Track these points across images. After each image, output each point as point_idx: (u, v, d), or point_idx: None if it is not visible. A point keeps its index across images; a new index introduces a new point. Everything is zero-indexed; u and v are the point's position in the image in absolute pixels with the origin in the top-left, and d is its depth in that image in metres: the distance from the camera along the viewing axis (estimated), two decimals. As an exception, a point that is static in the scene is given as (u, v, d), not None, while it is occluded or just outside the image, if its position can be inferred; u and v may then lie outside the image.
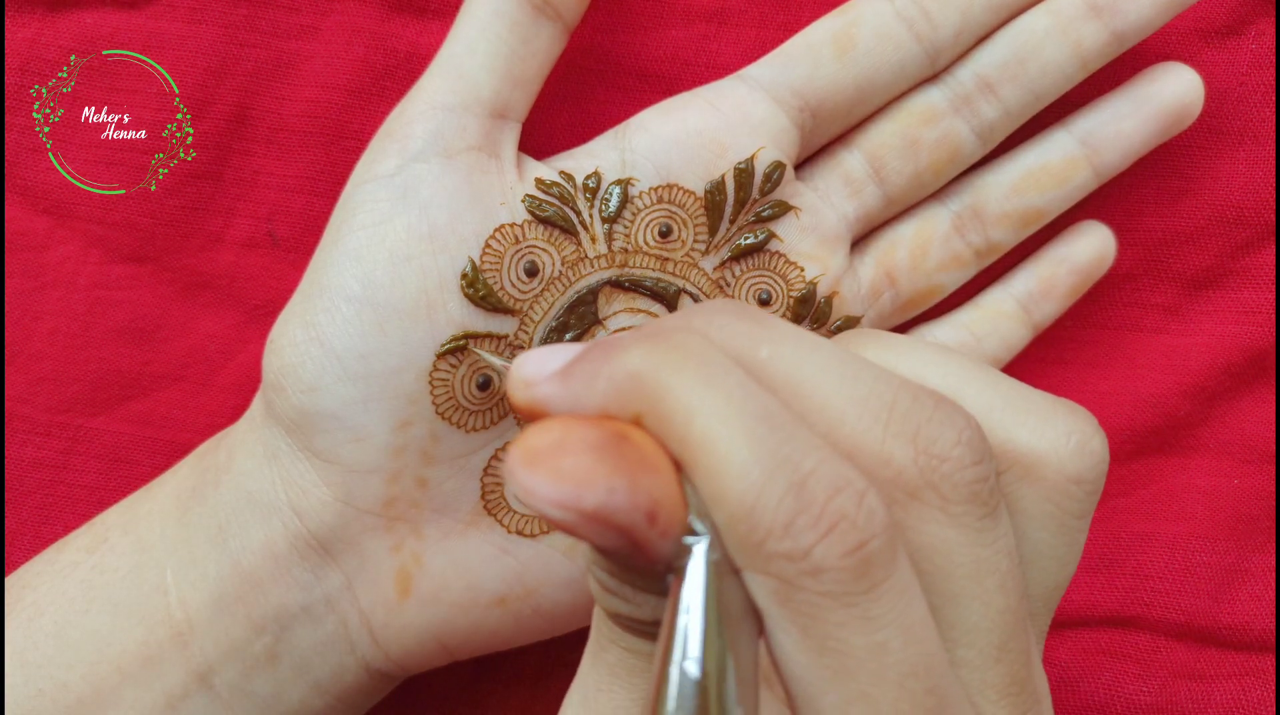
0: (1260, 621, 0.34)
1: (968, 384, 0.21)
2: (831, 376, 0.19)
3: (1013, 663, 0.20)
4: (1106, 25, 0.29)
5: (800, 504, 0.17)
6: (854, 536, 0.17)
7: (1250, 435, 0.34)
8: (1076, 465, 0.21)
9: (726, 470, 0.17)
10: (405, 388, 0.27)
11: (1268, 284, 0.34)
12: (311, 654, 0.28)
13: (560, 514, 0.17)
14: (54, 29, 0.32)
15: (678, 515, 0.18)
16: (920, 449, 0.19)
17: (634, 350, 0.19)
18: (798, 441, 0.18)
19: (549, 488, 0.17)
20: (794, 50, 0.29)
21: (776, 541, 0.17)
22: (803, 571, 0.17)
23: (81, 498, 0.33)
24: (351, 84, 0.33)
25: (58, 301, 0.33)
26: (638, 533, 0.17)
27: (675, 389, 0.18)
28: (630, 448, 0.18)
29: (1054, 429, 0.21)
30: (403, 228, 0.27)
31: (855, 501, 0.18)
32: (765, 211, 0.29)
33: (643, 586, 0.19)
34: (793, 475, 0.17)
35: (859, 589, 0.18)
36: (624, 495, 0.17)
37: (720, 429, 0.18)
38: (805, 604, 0.18)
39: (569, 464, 0.17)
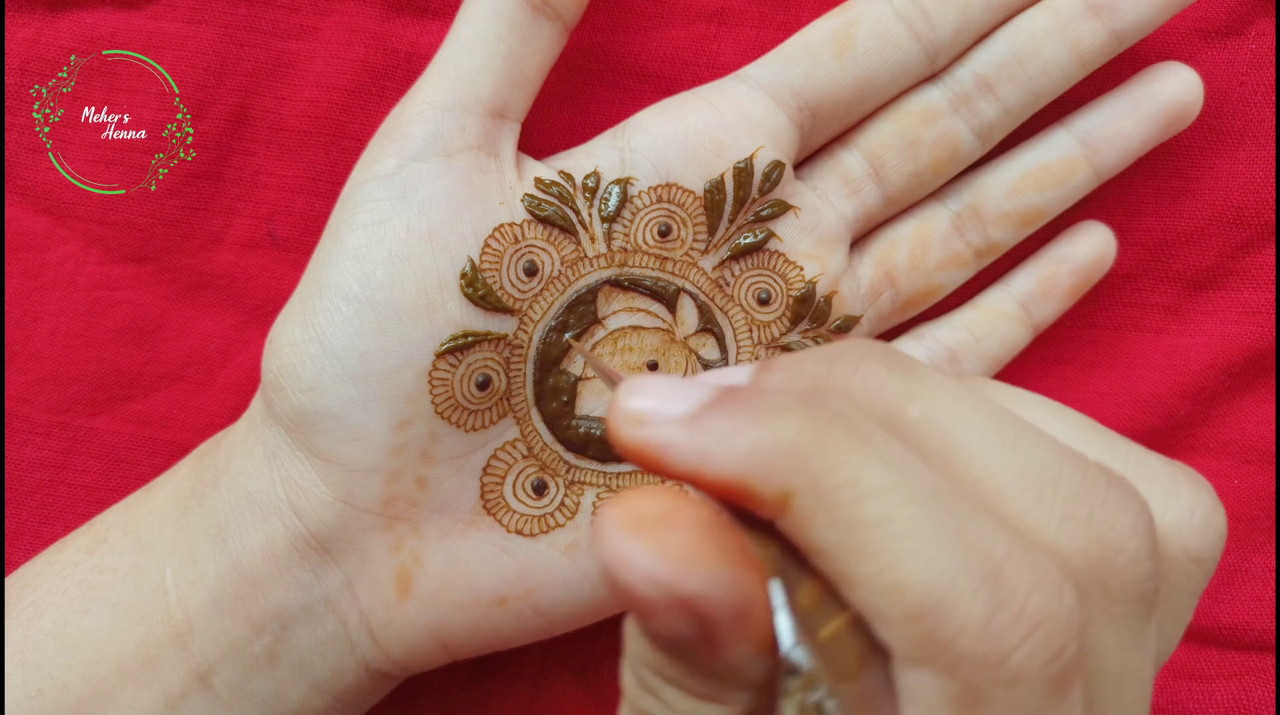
0: (1260, 621, 0.34)
1: (1088, 446, 0.19)
2: (991, 442, 0.17)
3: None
4: (1105, 24, 0.29)
5: (999, 599, 0.15)
6: (1057, 641, 0.15)
7: (1250, 435, 0.34)
8: (1200, 544, 0.19)
9: (910, 555, 0.15)
10: (405, 387, 0.27)
11: (1268, 284, 0.34)
12: (311, 654, 0.28)
13: (651, 591, 0.15)
14: (54, 29, 0.32)
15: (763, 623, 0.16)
16: (1093, 538, 0.17)
17: (791, 416, 0.17)
18: (982, 525, 0.16)
19: (649, 561, 0.15)
20: (793, 50, 0.29)
21: (972, 642, 0.15)
22: (997, 680, 0.15)
23: (81, 498, 0.33)
24: (351, 84, 0.33)
25: (58, 301, 0.33)
26: (720, 631, 0.16)
27: (838, 467, 0.16)
28: (734, 538, 0.16)
29: (1178, 502, 0.19)
30: (402, 227, 0.27)
31: (1056, 597, 0.16)
32: (764, 211, 0.29)
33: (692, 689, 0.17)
34: (986, 563, 0.15)
35: (1051, 704, 0.16)
36: (725, 587, 0.16)
37: (899, 511, 0.16)
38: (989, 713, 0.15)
39: (676, 540, 0.16)
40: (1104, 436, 0.19)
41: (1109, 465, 0.18)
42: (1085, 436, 0.19)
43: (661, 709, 0.18)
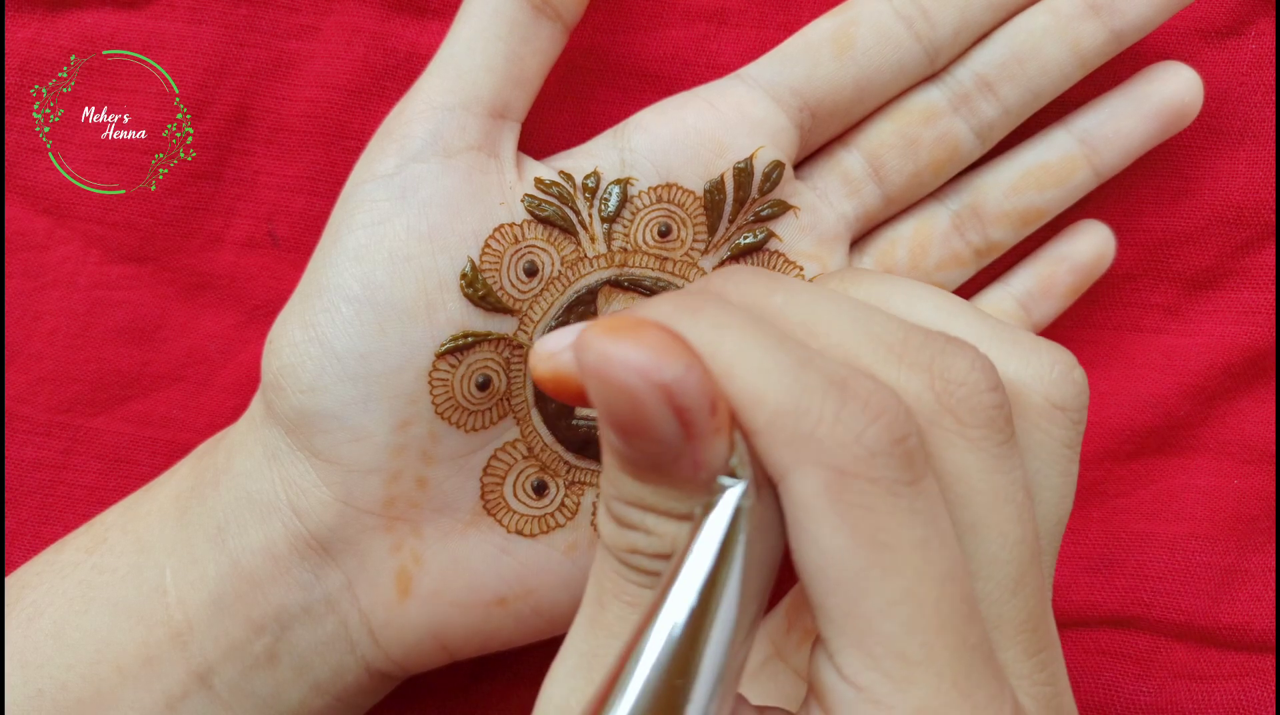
0: (1260, 621, 0.34)
1: (956, 318, 0.22)
2: (844, 318, 0.20)
3: (1029, 598, 0.20)
4: (1105, 24, 0.29)
5: (845, 396, 0.18)
6: (899, 427, 0.18)
7: (1250, 435, 0.34)
8: (1061, 392, 0.22)
9: (766, 370, 0.18)
10: (405, 387, 0.27)
11: (1268, 284, 0.34)
12: (311, 654, 0.28)
13: (637, 381, 0.17)
14: (54, 29, 0.32)
15: (729, 414, 0.18)
16: (936, 375, 0.20)
17: (653, 306, 0.20)
18: (828, 359, 0.19)
19: (632, 352, 0.17)
20: (793, 49, 0.29)
21: (828, 428, 0.18)
22: (856, 457, 0.18)
23: (81, 498, 0.33)
24: (351, 84, 0.33)
25: (58, 301, 0.33)
26: (698, 420, 0.18)
27: (700, 322, 0.19)
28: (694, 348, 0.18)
29: (1037, 359, 0.22)
30: (402, 227, 0.27)
31: (894, 398, 0.18)
32: (764, 211, 0.29)
33: (669, 510, 0.19)
34: (832, 377, 0.18)
35: (906, 477, 0.18)
36: (697, 376, 0.17)
37: (751, 343, 0.18)
38: (857, 493, 0.18)
39: (651, 336, 0.17)
40: (973, 312, 0.22)
41: (978, 335, 0.22)
42: (954, 312, 0.22)
43: (646, 539, 0.20)
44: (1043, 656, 0.20)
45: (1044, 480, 0.22)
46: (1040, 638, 0.20)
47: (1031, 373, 0.22)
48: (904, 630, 0.18)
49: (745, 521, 0.18)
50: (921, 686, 0.18)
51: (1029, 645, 0.20)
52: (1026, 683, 0.20)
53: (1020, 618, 0.20)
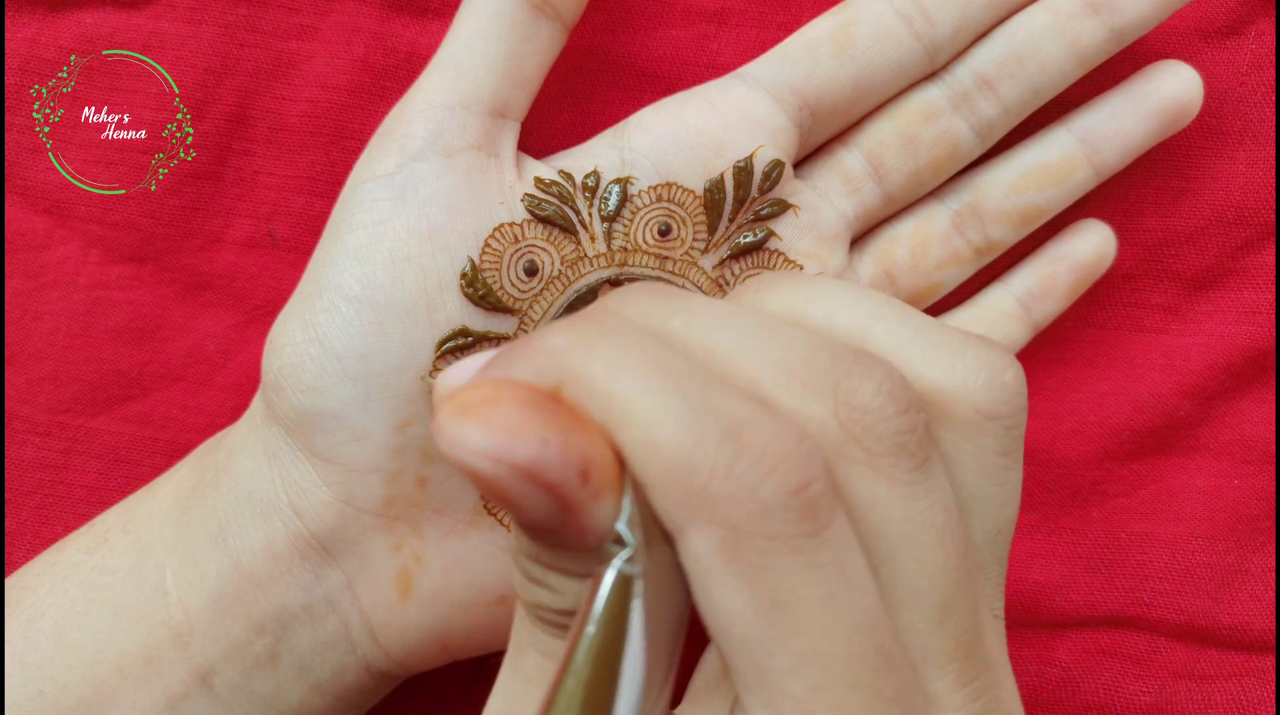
0: (1260, 621, 0.34)
1: (877, 322, 0.21)
2: (746, 340, 0.19)
3: (958, 625, 0.19)
4: (1105, 22, 0.29)
5: (739, 446, 0.17)
6: (797, 476, 0.17)
7: (1250, 435, 0.34)
8: (988, 399, 0.20)
9: (658, 422, 0.17)
10: (405, 387, 0.27)
11: (1268, 284, 0.34)
12: (312, 654, 0.27)
13: (490, 467, 0.16)
14: (54, 29, 0.32)
15: (609, 477, 0.17)
16: (840, 401, 0.19)
17: (550, 334, 0.19)
18: (725, 393, 0.18)
19: (480, 438, 0.16)
20: (792, 49, 0.29)
21: (720, 484, 0.17)
22: (750, 514, 0.17)
23: (81, 498, 0.33)
24: (351, 84, 0.33)
25: (58, 301, 0.33)
26: (569, 493, 0.17)
27: (595, 357, 0.18)
28: (560, 406, 0.17)
29: (962, 364, 0.20)
30: (402, 227, 0.27)
31: (795, 442, 0.17)
32: (764, 210, 0.29)
33: (568, 569, 0.18)
34: (727, 421, 0.17)
35: (805, 531, 0.17)
36: (556, 448, 0.16)
37: (645, 386, 0.17)
38: (754, 552, 0.17)
39: (501, 414, 0.16)
40: (898, 312, 0.21)
41: (899, 338, 0.21)
42: (874, 314, 0.21)
43: (550, 596, 0.19)
44: (977, 685, 0.20)
45: (978, 492, 0.21)
46: (974, 665, 0.20)
47: (956, 380, 0.20)
48: (811, 691, 0.17)
49: (637, 586, 0.17)
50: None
51: (960, 674, 0.19)
52: (962, 713, 0.19)
53: (949, 647, 0.19)
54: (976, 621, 0.20)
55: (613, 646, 0.17)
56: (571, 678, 0.17)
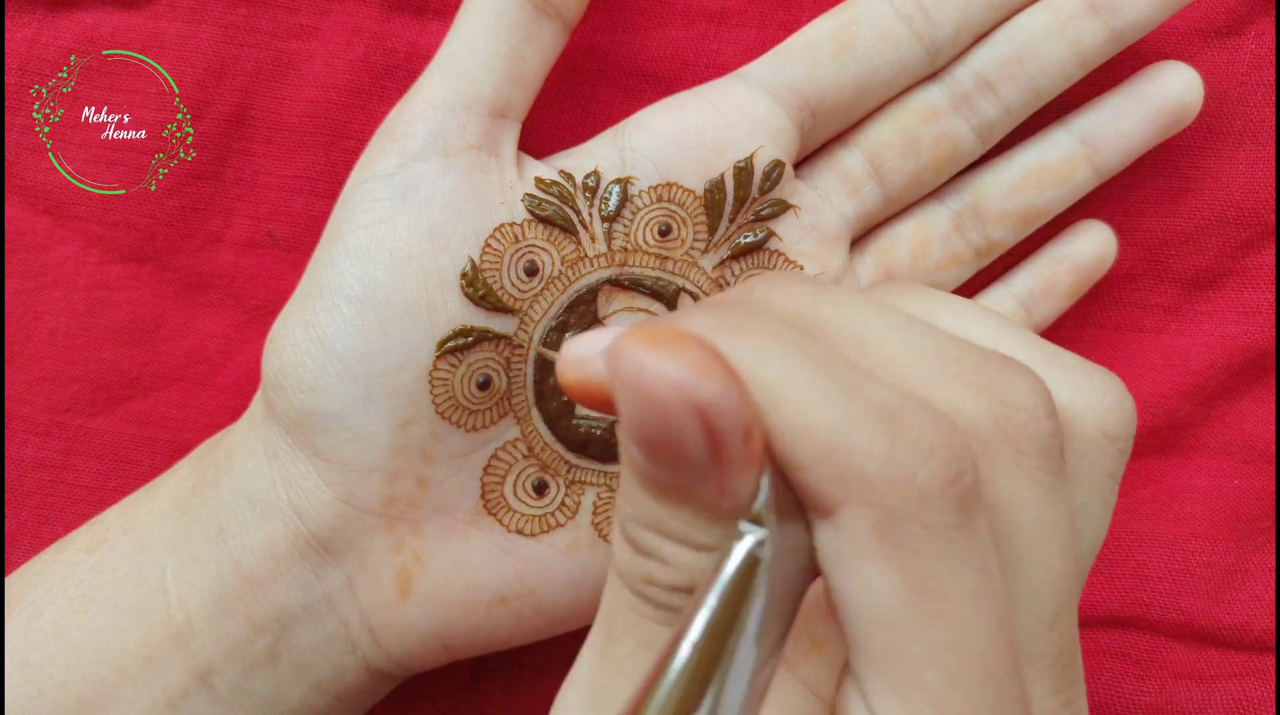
0: (1260, 621, 0.34)
1: (1007, 338, 0.21)
2: (898, 333, 0.19)
3: (1064, 634, 0.19)
4: (1105, 23, 0.29)
5: (897, 431, 0.17)
6: (954, 465, 0.17)
7: (1250, 435, 0.34)
8: (1113, 422, 0.21)
9: (812, 404, 0.17)
10: (405, 387, 0.27)
11: (1268, 284, 0.34)
12: (312, 654, 0.27)
13: (673, 396, 0.16)
14: (54, 29, 0.32)
15: (765, 446, 0.17)
16: (994, 398, 0.19)
17: (693, 316, 0.19)
18: (879, 385, 0.18)
19: (671, 367, 0.16)
20: (793, 49, 0.29)
21: (879, 466, 0.17)
22: (908, 499, 0.17)
23: (81, 498, 0.33)
24: (351, 84, 0.33)
25: (58, 301, 0.33)
26: (730, 446, 0.17)
27: (742, 341, 0.18)
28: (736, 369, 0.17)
29: (1091, 386, 0.21)
30: (403, 227, 0.27)
31: (949, 432, 0.17)
32: (765, 210, 0.29)
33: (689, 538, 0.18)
34: (883, 407, 0.17)
35: (959, 521, 0.17)
36: (735, 399, 0.16)
37: (796, 368, 0.17)
38: (908, 537, 0.17)
39: (693, 353, 0.16)
40: (1024, 333, 0.21)
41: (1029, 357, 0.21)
42: (1005, 332, 0.21)
43: (661, 570, 0.19)
44: (1070, 693, 0.20)
45: (1086, 511, 0.21)
46: (1070, 674, 0.20)
47: (1084, 400, 0.21)
48: (947, 682, 0.17)
49: (764, 572, 0.17)
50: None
51: (1058, 681, 0.19)
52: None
53: (1053, 653, 0.19)
54: (1075, 636, 0.20)
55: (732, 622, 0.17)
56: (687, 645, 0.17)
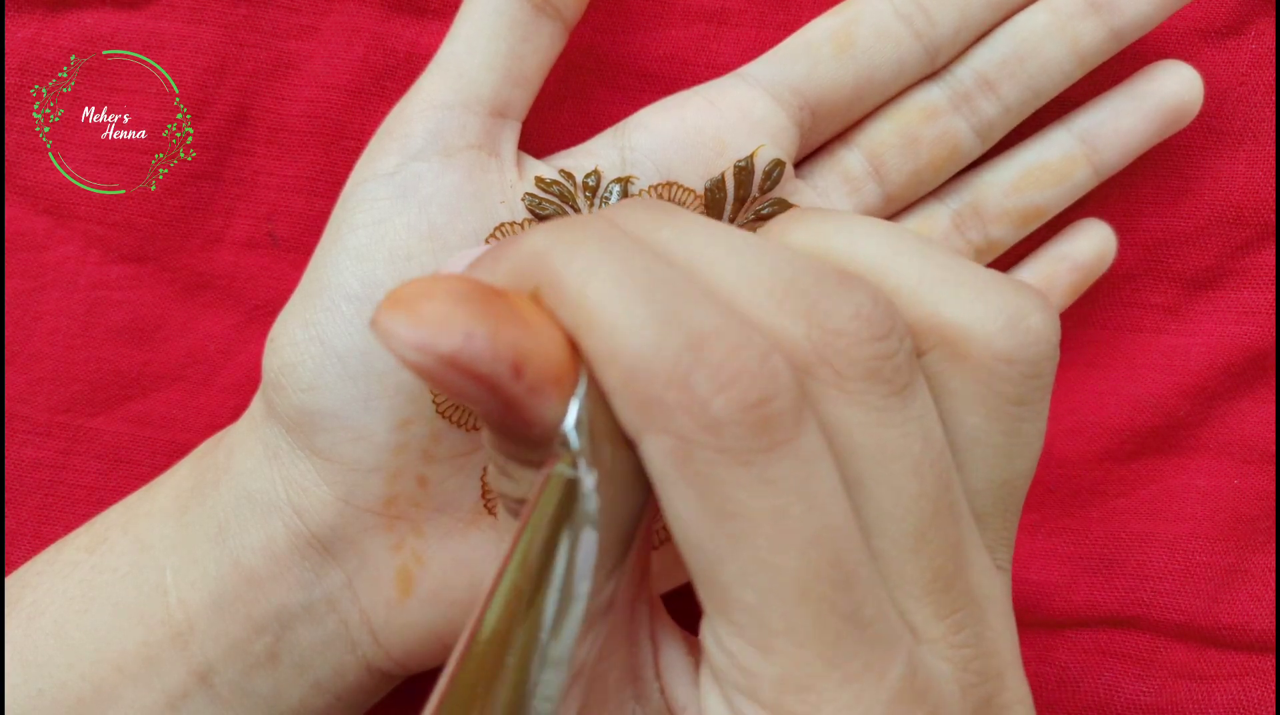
0: (1260, 621, 0.34)
1: (900, 255, 0.21)
2: (733, 257, 0.19)
3: (935, 556, 0.19)
4: (1105, 22, 0.29)
5: (698, 358, 0.17)
6: (754, 392, 0.17)
7: (1250, 435, 0.34)
8: (1006, 342, 0.20)
9: (621, 328, 0.17)
10: (406, 386, 0.27)
11: (1268, 284, 0.34)
12: (312, 653, 0.27)
13: (417, 357, 0.17)
14: (54, 29, 0.32)
15: (550, 373, 0.18)
16: (814, 323, 0.19)
17: (536, 233, 0.19)
18: (696, 305, 0.18)
19: (406, 330, 0.17)
20: (793, 48, 0.29)
21: (675, 394, 0.17)
22: (700, 426, 0.17)
23: (81, 498, 0.33)
24: (351, 84, 0.33)
25: (58, 301, 0.33)
26: (502, 385, 0.17)
27: (574, 260, 0.18)
28: (500, 302, 0.18)
29: (984, 304, 0.20)
30: (403, 226, 0.27)
31: (757, 358, 0.17)
32: (765, 209, 0.29)
33: (526, 460, 0.19)
34: (690, 333, 0.17)
35: (758, 446, 0.17)
36: (483, 342, 0.17)
37: (615, 291, 0.18)
38: (703, 463, 0.17)
39: (428, 308, 0.17)
40: (924, 247, 0.21)
41: (921, 273, 0.20)
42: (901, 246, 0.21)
43: (512, 486, 0.20)
44: (958, 617, 0.20)
45: (981, 436, 0.20)
46: (955, 598, 0.19)
47: (973, 318, 0.20)
48: (761, 600, 0.18)
49: (585, 491, 0.18)
50: (783, 655, 0.18)
51: (940, 606, 0.19)
52: (940, 645, 0.19)
53: (925, 578, 0.19)
54: (960, 558, 0.20)
55: (550, 539, 0.17)
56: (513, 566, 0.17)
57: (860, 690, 0.18)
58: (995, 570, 0.21)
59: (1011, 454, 0.21)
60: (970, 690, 0.20)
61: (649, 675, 0.21)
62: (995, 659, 0.20)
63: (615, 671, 0.20)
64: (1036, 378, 0.20)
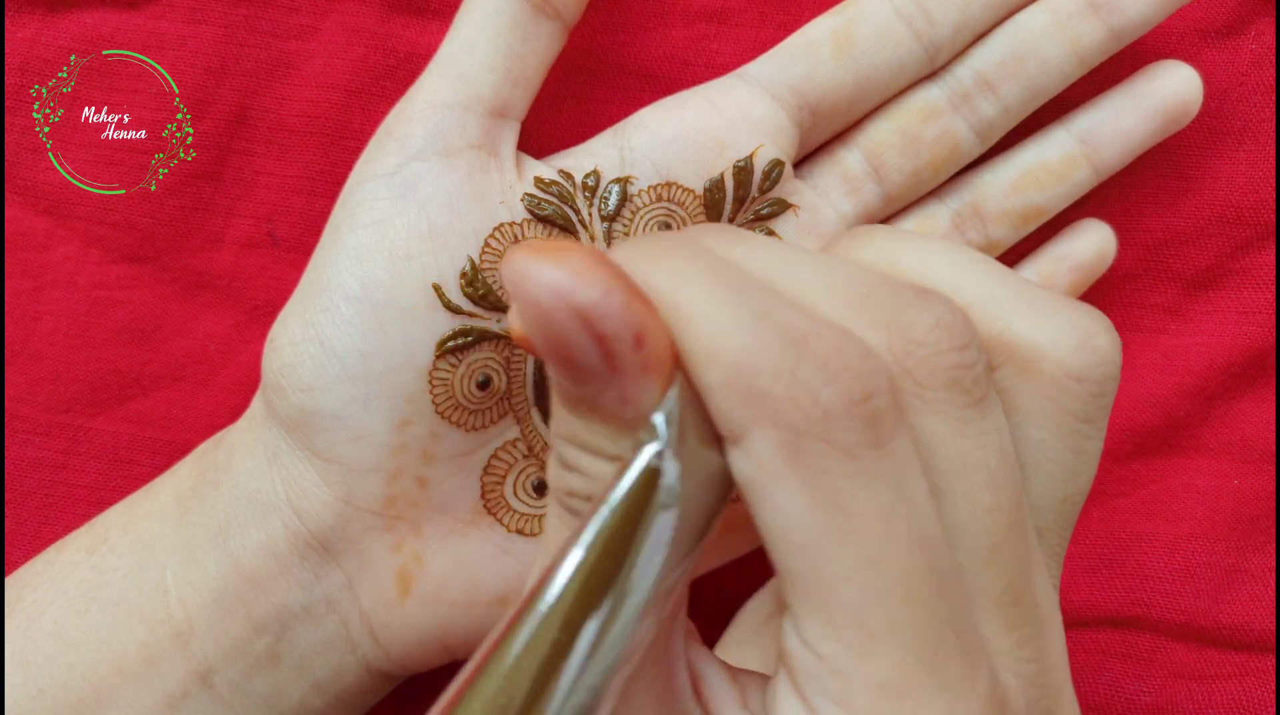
0: (1260, 621, 0.34)
1: (970, 274, 0.21)
2: (807, 271, 0.20)
3: (1007, 570, 0.19)
4: (1104, 22, 0.29)
5: (804, 353, 0.17)
6: (859, 387, 0.17)
7: (1250, 435, 0.34)
8: (1077, 361, 0.20)
9: (723, 327, 0.17)
10: (405, 387, 0.27)
11: (1268, 284, 0.34)
12: (312, 654, 0.27)
13: (552, 301, 0.17)
14: (54, 29, 0.32)
15: (664, 353, 0.18)
16: (895, 334, 0.19)
17: (618, 250, 0.19)
18: (790, 309, 0.18)
19: (550, 271, 0.17)
20: (793, 48, 0.29)
21: (784, 387, 0.17)
22: (811, 418, 0.17)
23: (81, 498, 0.33)
24: (351, 84, 0.33)
25: (58, 301, 0.33)
26: (620, 351, 0.17)
27: (661, 269, 0.18)
28: (628, 277, 0.18)
29: (1055, 323, 0.20)
30: (402, 226, 0.27)
31: (859, 356, 0.18)
32: (764, 209, 0.29)
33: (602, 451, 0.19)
34: (790, 331, 0.17)
35: (866, 441, 0.17)
36: (618, 302, 0.17)
37: (710, 293, 0.18)
38: (813, 455, 0.17)
39: (574, 259, 0.17)
40: (992, 268, 0.21)
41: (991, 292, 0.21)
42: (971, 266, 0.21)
43: (581, 481, 0.19)
44: (1025, 632, 0.20)
45: (1049, 452, 0.21)
46: (1022, 612, 0.20)
47: (1044, 336, 0.20)
48: (864, 599, 0.17)
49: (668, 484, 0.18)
50: (883, 659, 0.18)
51: (1009, 620, 0.19)
52: (1008, 659, 0.19)
53: (997, 590, 0.19)
54: (1028, 572, 0.20)
55: (625, 533, 0.17)
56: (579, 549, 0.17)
57: (953, 699, 0.18)
58: (1053, 587, 0.21)
59: (1075, 471, 0.21)
60: (1034, 704, 0.20)
61: (687, 699, 0.20)
62: (1055, 674, 0.20)
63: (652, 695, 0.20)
64: (1102, 397, 0.21)
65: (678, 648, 0.21)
